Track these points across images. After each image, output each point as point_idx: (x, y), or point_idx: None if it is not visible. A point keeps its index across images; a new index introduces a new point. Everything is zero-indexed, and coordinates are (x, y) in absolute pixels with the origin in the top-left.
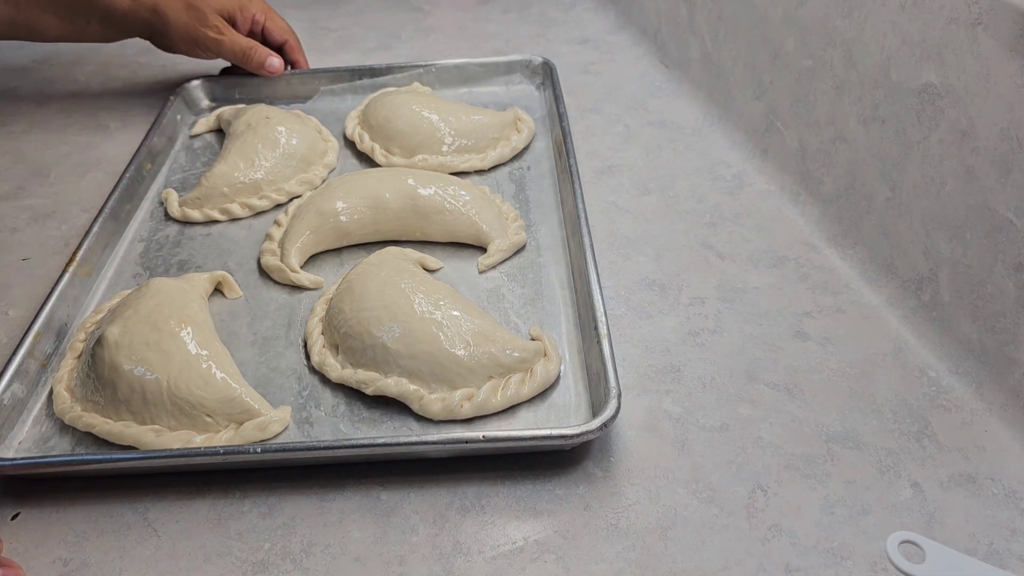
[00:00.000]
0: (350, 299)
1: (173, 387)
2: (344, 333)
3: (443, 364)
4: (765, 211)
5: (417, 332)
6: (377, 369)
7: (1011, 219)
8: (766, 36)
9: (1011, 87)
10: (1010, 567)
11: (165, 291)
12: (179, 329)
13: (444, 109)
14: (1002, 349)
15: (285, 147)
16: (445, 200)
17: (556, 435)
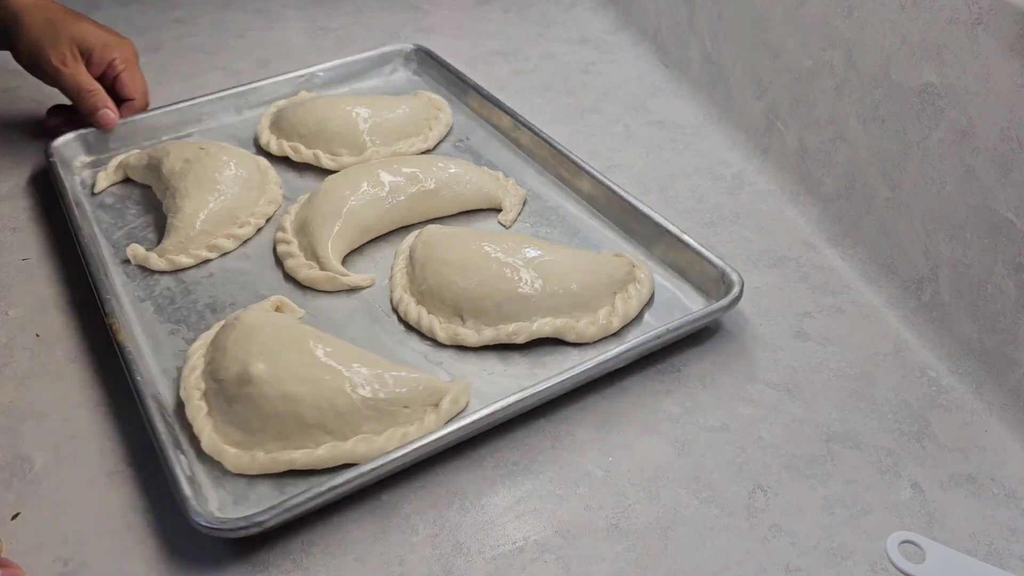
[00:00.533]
0: (456, 272)
1: (364, 394)
2: (469, 299)
3: (578, 293)
4: (765, 211)
5: (544, 274)
6: (517, 319)
7: (1011, 219)
8: (766, 36)
9: (1011, 87)
10: (1010, 567)
11: (265, 318)
12: (316, 345)
13: (365, 104)
14: (1002, 349)
15: (237, 173)
16: (444, 175)
17: (715, 308)
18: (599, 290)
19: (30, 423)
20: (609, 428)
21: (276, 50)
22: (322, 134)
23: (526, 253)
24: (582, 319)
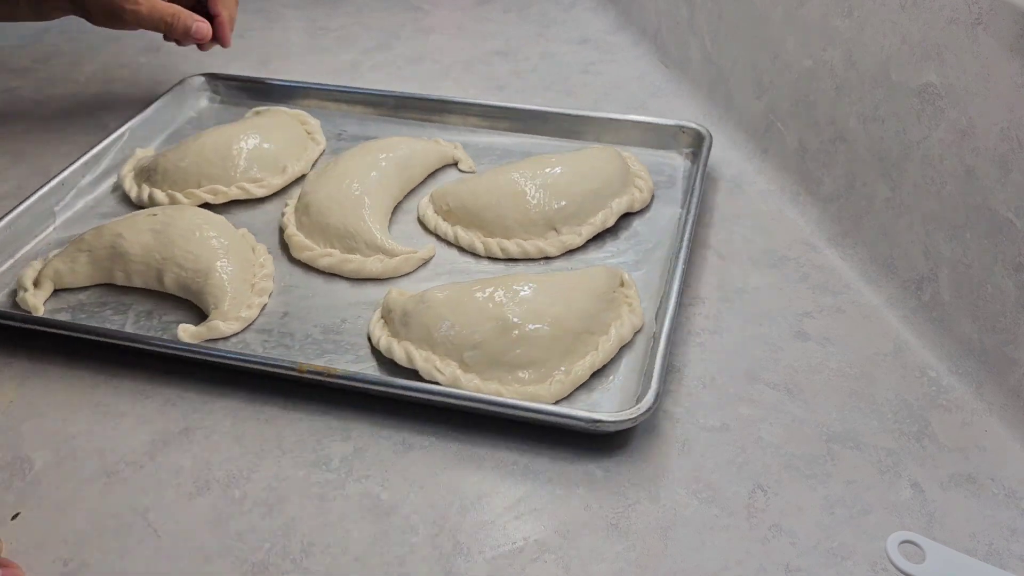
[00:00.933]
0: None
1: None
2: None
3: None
4: (765, 211)
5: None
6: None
7: (1011, 219)
8: (766, 36)
9: (1011, 87)
10: (1010, 567)
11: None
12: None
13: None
14: (1002, 349)
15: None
16: (403, 151)
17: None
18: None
19: (30, 423)
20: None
21: (276, 50)
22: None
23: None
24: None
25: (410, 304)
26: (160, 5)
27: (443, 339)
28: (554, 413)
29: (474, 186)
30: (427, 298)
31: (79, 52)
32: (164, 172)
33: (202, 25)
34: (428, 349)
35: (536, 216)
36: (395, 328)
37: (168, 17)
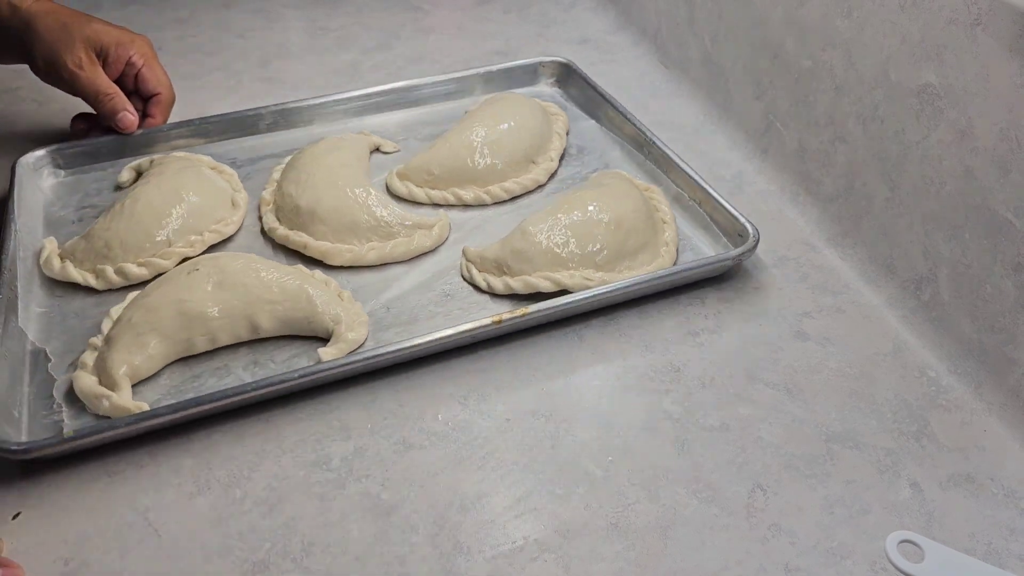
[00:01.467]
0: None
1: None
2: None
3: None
4: (765, 211)
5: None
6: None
7: (1011, 219)
8: (766, 36)
9: (1011, 87)
10: (1009, 567)
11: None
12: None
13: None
14: (1002, 349)
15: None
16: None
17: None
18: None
19: None
20: (609, 428)
21: (276, 50)
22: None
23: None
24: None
25: (516, 244)
26: (101, 79)
27: (570, 255)
28: (707, 261)
29: (448, 150)
30: (531, 231)
31: None
32: (100, 249)
33: (129, 116)
34: (562, 268)
35: (518, 155)
36: (509, 268)
37: (102, 94)
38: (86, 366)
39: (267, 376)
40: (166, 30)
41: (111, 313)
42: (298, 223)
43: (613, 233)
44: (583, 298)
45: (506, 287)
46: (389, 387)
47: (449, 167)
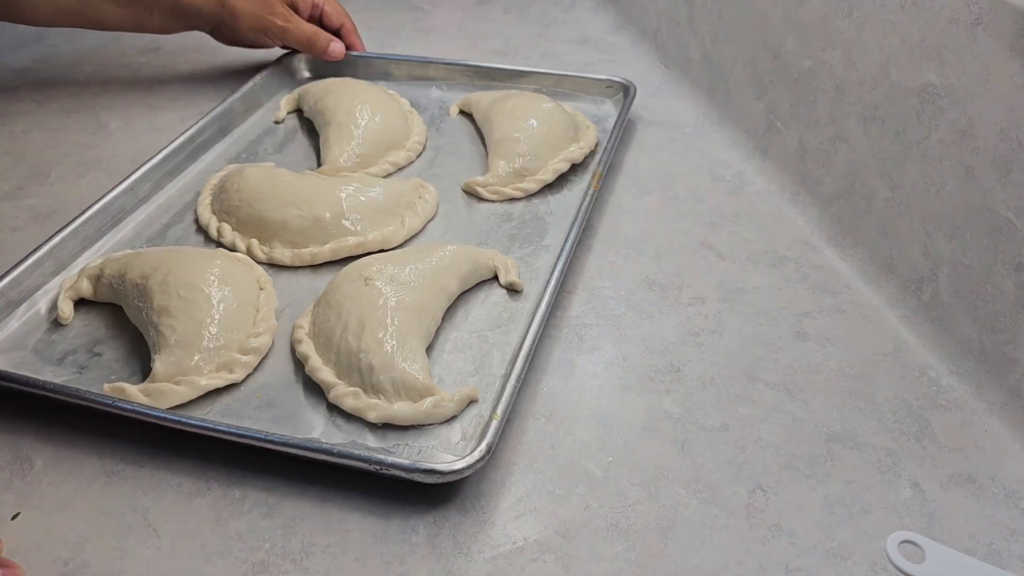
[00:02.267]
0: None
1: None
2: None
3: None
4: (765, 211)
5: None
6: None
7: (1011, 219)
8: (766, 36)
9: (1011, 87)
10: (1010, 567)
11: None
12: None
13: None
14: (1002, 349)
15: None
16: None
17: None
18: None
19: (30, 423)
20: (609, 428)
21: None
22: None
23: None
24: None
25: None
26: (303, 25)
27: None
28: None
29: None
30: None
31: (79, 52)
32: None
33: (337, 44)
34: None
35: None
36: (527, 170)
37: (312, 36)
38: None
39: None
40: None
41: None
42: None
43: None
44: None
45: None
46: None
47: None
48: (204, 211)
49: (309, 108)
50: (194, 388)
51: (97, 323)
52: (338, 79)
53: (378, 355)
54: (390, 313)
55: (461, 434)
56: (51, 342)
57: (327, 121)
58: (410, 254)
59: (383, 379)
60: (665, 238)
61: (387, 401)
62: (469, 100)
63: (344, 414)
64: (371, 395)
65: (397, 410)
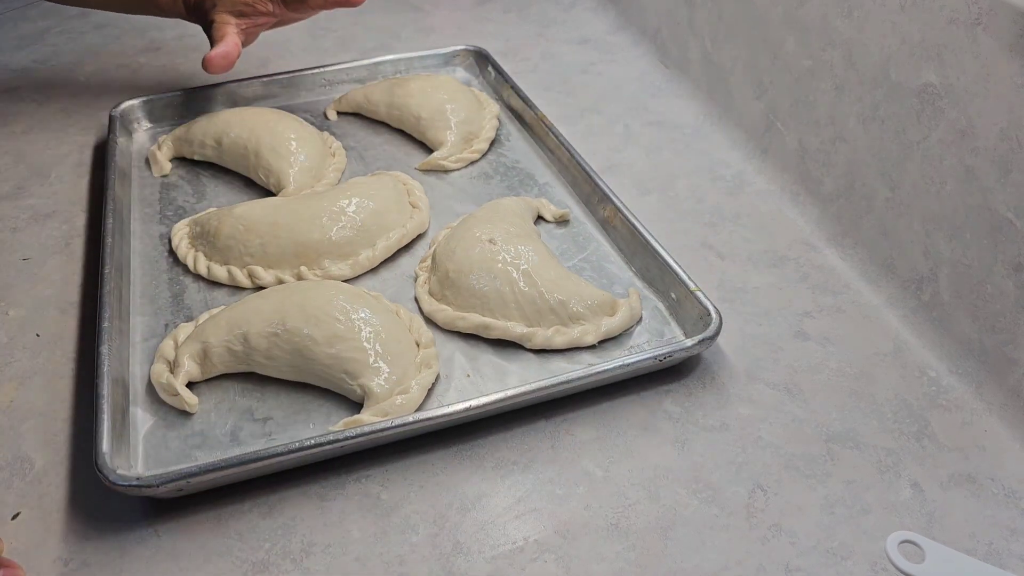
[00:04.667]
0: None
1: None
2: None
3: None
4: (765, 211)
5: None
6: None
7: (1011, 219)
8: (766, 36)
9: (1011, 87)
10: (1010, 567)
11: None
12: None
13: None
14: (1002, 349)
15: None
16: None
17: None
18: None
19: (30, 423)
20: (609, 428)
21: (276, 50)
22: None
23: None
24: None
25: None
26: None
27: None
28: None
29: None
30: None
31: (79, 52)
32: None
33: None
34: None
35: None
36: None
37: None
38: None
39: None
40: (166, 30)
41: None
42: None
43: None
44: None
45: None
46: None
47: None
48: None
49: (216, 145)
50: (421, 389)
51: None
52: (224, 115)
53: (563, 290)
54: (535, 257)
55: (647, 335)
56: (197, 432)
57: (253, 154)
58: (485, 218)
59: (579, 308)
60: (665, 238)
61: (590, 324)
62: (354, 99)
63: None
64: (573, 324)
65: (608, 325)
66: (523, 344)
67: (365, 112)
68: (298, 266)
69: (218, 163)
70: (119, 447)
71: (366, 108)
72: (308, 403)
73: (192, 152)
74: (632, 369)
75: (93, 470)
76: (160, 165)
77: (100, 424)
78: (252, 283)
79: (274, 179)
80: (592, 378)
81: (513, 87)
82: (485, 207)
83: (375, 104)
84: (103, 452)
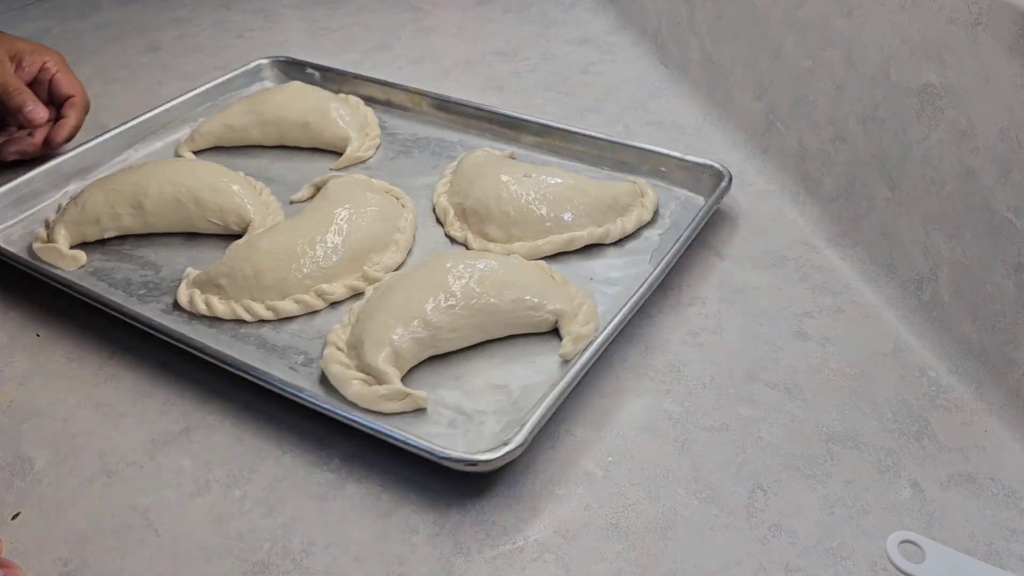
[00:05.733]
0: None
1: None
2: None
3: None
4: (765, 211)
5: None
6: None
7: (1011, 219)
8: (766, 36)
9: (1011, 87)
10: (1010, 567)
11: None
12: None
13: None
14: (1002, 349)
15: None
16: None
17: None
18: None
19: (30, 423)
20: (609, 428)
21: (276, 50)
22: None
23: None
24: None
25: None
26: (11, 77)
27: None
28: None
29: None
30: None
31: (79, 52)
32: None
33: (41, 110)
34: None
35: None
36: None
37: (12, 88)
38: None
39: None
40: (166, 30)
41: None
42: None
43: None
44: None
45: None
46: None
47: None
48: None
49: (134, 212)
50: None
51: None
52: (120, 180)
53: (606, 188)
54: (562, 175)
55: (672, 205)
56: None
57: (192, 203)
58: (488, 170)
59: (626, 199)
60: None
61: (637, 209)
62: (210, 131)
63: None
64: (627, 214)
65: (650, 200)
66: (604, 241)
67: (227, 142)
68: (360, 268)
69: (139, 231)
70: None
71: (229, 136)
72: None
73: (100, 231)
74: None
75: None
76: (71, 258)
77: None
78: (325, 302)
79: (233, 216)
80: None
81: (357, 76)
82: (465, 163)
83: (241, 128)
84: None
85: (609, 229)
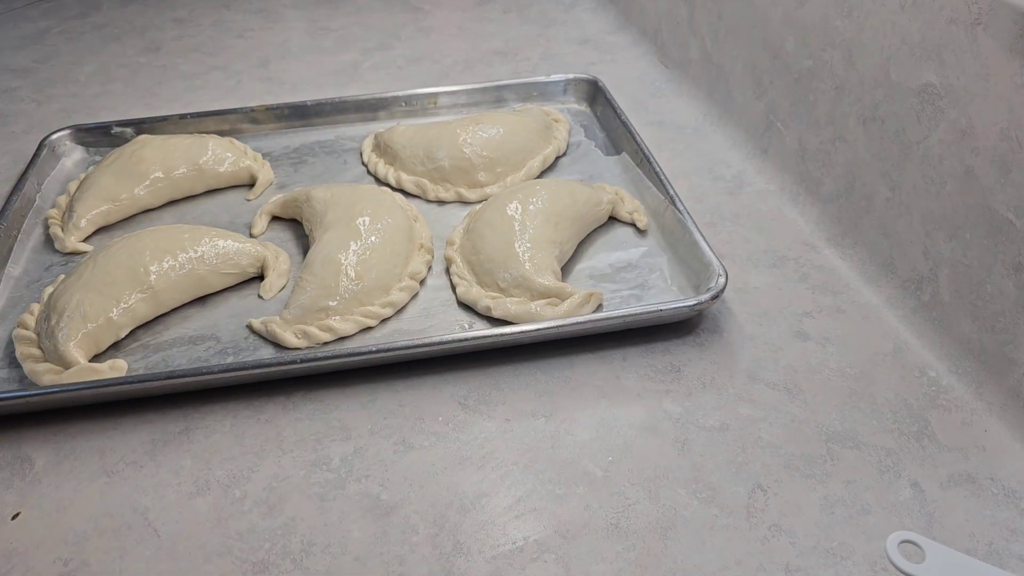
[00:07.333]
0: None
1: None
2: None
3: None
4: (765, 211)
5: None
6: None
7: (1011, 219)
8: (766, 36)
9: (1011, 87)
10: (1010, 567)
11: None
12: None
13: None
14: (1002, 349)
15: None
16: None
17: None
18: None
19: (30, 423)
20: (609, 428)
21: (276, 50)
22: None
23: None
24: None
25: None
26: None
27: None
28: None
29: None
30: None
31: (79, 52)
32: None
33: None
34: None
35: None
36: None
37: None
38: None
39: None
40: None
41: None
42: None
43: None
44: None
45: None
46: (389, 387)
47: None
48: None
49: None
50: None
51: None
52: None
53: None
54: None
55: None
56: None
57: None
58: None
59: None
60: None
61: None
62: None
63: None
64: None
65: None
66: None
67: (116, 216)
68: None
69: (151, 316)
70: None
71: (117, 210)
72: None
73: (115, 332)
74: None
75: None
76: (110, 370)
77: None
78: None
79: (247, 259)
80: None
81: (183, 116)
82: (398, 137)
83: (129, 197)
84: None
85: (559, 145)
